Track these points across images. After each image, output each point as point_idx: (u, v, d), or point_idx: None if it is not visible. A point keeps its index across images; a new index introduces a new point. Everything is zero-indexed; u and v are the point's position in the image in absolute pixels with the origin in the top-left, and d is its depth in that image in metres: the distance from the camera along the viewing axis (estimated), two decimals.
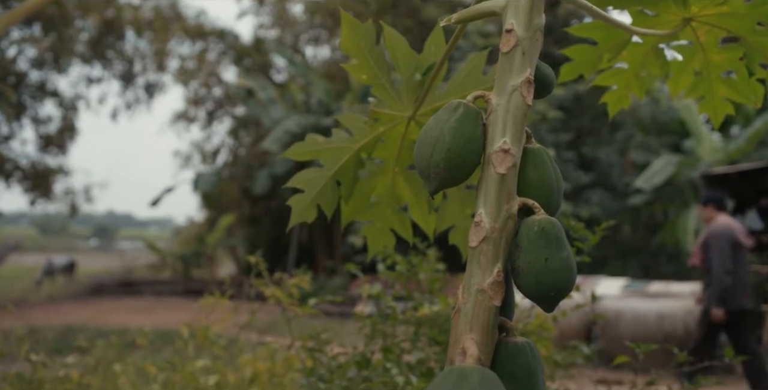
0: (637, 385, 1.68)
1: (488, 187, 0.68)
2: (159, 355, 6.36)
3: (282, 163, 14.55)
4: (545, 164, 0.71)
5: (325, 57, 19.94)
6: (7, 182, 14.97)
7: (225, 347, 2.45)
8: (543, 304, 0.63)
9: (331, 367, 1.86)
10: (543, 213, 0.68)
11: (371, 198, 1.29)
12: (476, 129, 0.70)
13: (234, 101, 19.49)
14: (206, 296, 2.56)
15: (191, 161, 20.71)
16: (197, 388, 2.21)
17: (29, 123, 15.03)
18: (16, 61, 14.15)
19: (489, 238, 0.65)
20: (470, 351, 0.61)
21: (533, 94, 0.69)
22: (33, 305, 13.06)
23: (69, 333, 8.40)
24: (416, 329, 1.86)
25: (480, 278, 0.65)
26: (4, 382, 2.53)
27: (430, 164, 0.70)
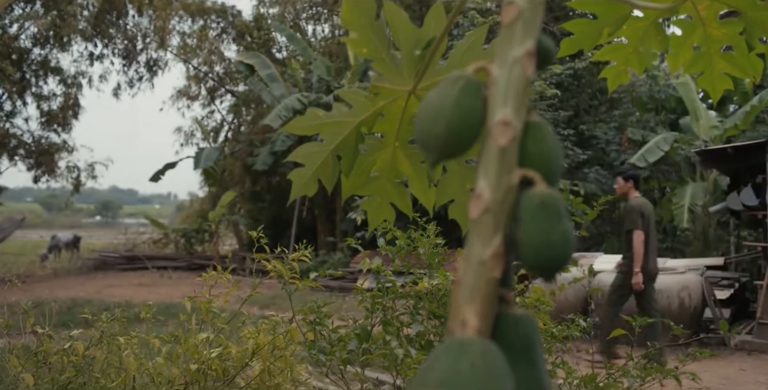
0: (633, 358, 1.70)
1: (489, 159, 0.68)
2: (163, 329, 6.44)
3: (283, 140, 14.56)
4: (546, 137, 0.71)
5: (326, 34, 19.83)
6: (11, 159, 15.00)
7: (227, 321, 2.49)
8: (542, 274, 0.64)
9: (331, 339, 1.88)
10: (543, 185, 0.68)
11: (371, 172, 1.30)
12: (477, 101, 0.70)
13: (235, 78, 19.43)
14: (209, 271, 2.58)
15: (193, 138, 20.75)
16: (200, 360, 2.25)
17: (32, 100, 15.03)
18: (18, 38, 14.09)
19: (489, 210, 0.66)
20: (470, 322, 0.62)
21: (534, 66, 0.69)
22: (38, 280, 13.17)
23: (74, 307, 8.48)
24: (416, 303, 1.88)
25: (480, 250, 0.65)
26: (10, 354, 2.57)
27: (430, 137, 0.71)
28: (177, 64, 23.54)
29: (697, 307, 6.82)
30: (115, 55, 16.76)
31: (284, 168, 15.25)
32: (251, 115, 18.47)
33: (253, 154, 15.40)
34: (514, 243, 0.68)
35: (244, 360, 2.27)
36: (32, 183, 15.85)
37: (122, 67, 17.58)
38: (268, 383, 2.40)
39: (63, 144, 15.33)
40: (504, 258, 0.65)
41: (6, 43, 13.39)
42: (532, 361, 0.68)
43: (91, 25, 14.99)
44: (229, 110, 19.58)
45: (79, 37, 14.93)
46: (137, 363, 2.35)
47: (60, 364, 2.48)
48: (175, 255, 15.94)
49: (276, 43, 19.31)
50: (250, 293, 2.40)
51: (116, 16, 15.82)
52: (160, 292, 10.80)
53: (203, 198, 20.75)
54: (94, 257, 16.55)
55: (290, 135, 14.61)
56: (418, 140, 0.74)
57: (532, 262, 0.67)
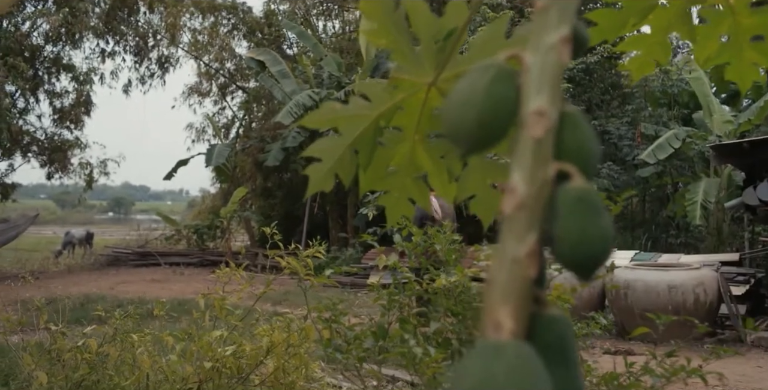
0: (656, 357, 1.66)
1: (523, 151, 0.65)
2: (176, 325, 6.44)
3: (294, 136, 14.54)
4: (582, 128, 0.67)
5: (336, 31, 19.79)
6: (24, 156, 15.06)
7: (241, 318, 2.47)
8: (580, 272, 0.60)
9: (347, 337, 1.85)
10: (580, 179, 0.65)
11: (389, 167, 1.27)
12: (509, 90, 0.66)
13: (246, 75, 19.44)
14: (222, 267, 2.56)
15: (204, 134, 20.79)
16: (214, 358, 2.23)
17: (45, 97, 15.09)
18: (30, 35, 14.13)
19: (524, 205, 0.62)
20: (505, 324, 0.58)
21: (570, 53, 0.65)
22: (52, 276, 13.24)
23: (87, 303, 8.52)
24: (433, 300, 1.85)
25: (514, 247, 0.61)
26: (24, 351, 2.56)
27: (459, 128, 0.67)
28: (188, 61, 23.57)
29: (712, 303, 6.75)
30: (126, 52, 16.79)
31: (295, 164, 15.24)
32: (262, 112, 18.47)
33: (265, 150, 15.39)
34: (548, 240, 0.65)
35: (259, 358, 2.25)
36: (45, 180, 15.94)
37: (133, 64, 17.62)
38: (283, 381, 2.38)
39: (75, 141, 15.38)
40: (539, 256, 0.62)
41: (19, 41, 13.43)
42: (567, 363, 0.65)
43: (102, 22, 15.02)
44: (240, 107, 19.59)
45: (90, 34, 14.96)
46: (151, 360, 2.33)
47: (73, 361, 2.46)
48: (187, 251, 15.97)
49: (286, 40, 19.29)
50: (263, 290, 2.37)
51: (127, 13, 15.85)
52: (173, 288, 10.83)
53: (215, 194, 20.80)
54: (106, 253, 16.62)
55: (301, 131, 14.58)
56: (447, 132, 0.71)
57: (568, 259, 0.64)
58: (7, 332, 2.85)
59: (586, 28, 0.76)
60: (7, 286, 10.25)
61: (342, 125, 1.20)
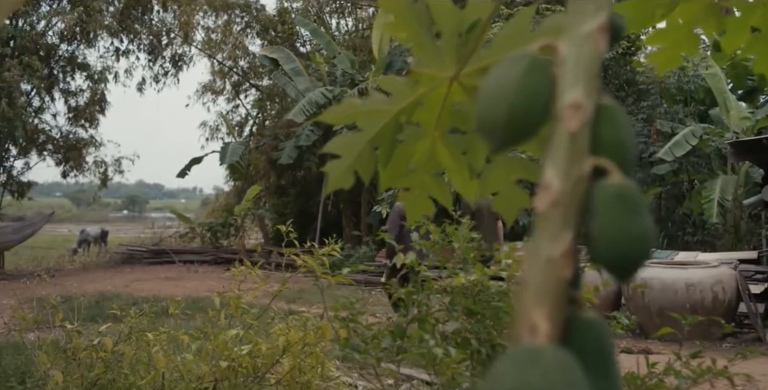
0: (680, 358, 1.63)
1: (558, 146, 0.61)
2: (190, 323, 6.45)
3: (308, 134, 14.54)
4: (620, 122, 0.63)
5: (349, 28, 19.77)
6: (40, 154, 15.16)
7: (257, 317, 2.45)
8: (618, 273, 0.57)
9: (365, 336, 1.83)
10: (618, 175, 0.61)
11: (409, 164, 1.24)
12: (543, 81, 0.62)
13: (259, 73, 19.46)
14: (236, 265, 2.55)
15: (218, 132, 20.84)
16: (230, 357, 2.21)
17: (60, 96, 15.17)
18: (45, 34, 14.22)
19: (559, 202, 0.58)
20: (541, 327, 0.54)
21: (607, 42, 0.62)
22: (68, 273, 13.32)
23: (102, 301, 8.54)
24: (452, 299, 1.82)
25: (549, 247, 0.58)
26: (39, 350, 2.56)
27: (490, 122, 0.63)
28: (202, 59, 23.61)
29: (731, 302, 6.67)
30: (140, 50, 16.87)
31: (309, 162, 15.24)
32: (276, 110, 18.48)
33: (278, 148, 15.40)
34: (584, 239, 0.62)
35: (275, 357, 2.23)
36: (61, 178, 16.04)
37: (147, 63, 17.69)
38: (298, 380, 2.36)
39: (90, 139, 15.46)
40: (575, 256, 0.59)
41: (34, 40, 13.51)
42: (606, 369, 0.61)
43: (116, 21, 15.09)
44: (254, 105, 19.62)
45: (104, 33, 15.03)
46: (166, 360, 2.32)
47: (89, 360, 2.46)
48: (201, 249, 16.02)
49: (300, 38, 19.29)
50: (279, 288, 2.36)
51: (141, 11, 15.91)
52: (187, 286, 10.86)
53: (228, 192, 20.85)
54: (121, 251, 16.70)
55: (315, 129, 14.58)
56: (477, 126, 0.67)
57: (606, 259, 0.61)
58: (24, 330, 2.85)
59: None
60: (23, 284, 10.33)
61: (361, 121, 1.18)
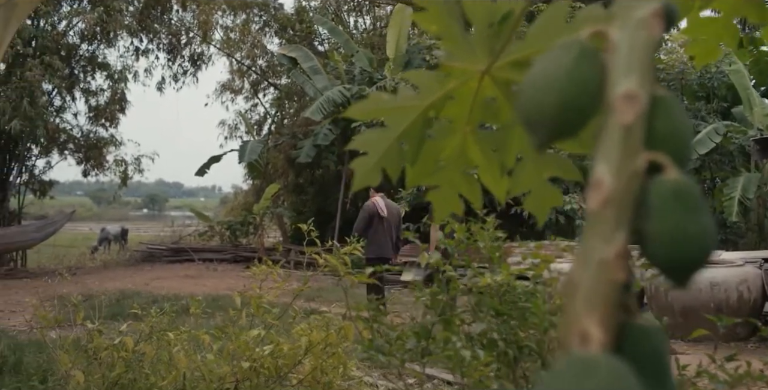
0: (715, 360, 1.58)
1: (610, 139, 0.57)
2: (211, 322, 6.46)
3: (326, 132, 14.54)
4: (676, 114, 0.59)
5: (367, 27, 19.75)
6: (61, 153, 15.29)
7: (278, 316, 2.42)
8: (675, 277, 0.53)
9: (389, 337, 1.79)
10: (675, 171, 0.57)
11: (438, 161, 1.20)
12: (594, 70, 0.58)
13: (278, 72, 19.49)
14: (257, 264, 2.52)
15: (237, 131, 20.91)
16: (252, 357, 2.18)
17: (81, 95, 15.28)
18: (66, 34, 14.32)
19: (611, 200, 0.54)
20: (593, 335, 0.50)
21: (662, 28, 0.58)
22: (89, 271, 13.43)
23: (123, 299, 8.59)
24: (478, 299, 1.78)
25: (601, 248, 0.54)
26: (61, 349, 2.56)
27: (537, 113, 0.59)
28: (220, 58, 23.74)
29: (756, 301, 6.56)
30: (159, 49, 16.94)
31: (327, 160, 15.24)
32: (294, 108, 18.51)
33: (297, 146, 15.42)
34: (638, 239, 0.58)
35: (297, 357, 2.20)
36: (82, 177, 16.17)
37: (167, 62, 17.77)
38: (320, 380, 2.33)
39: (111, 138, 15.56)
40: (628, 258, 0.55)
41: (55, 40, 13.61)
42: (662, 381, 0.57)
43: (136, 21, 15.16)
44: (272, 103, 19.67)
45: (124, 33, 15.11)
46: (187, 360, 2.30)
47: (110, 359, 2.45)
48: (220, 247, 16.08)
49: (318, 36, 19.30)
50: (300, 288, 2.33)
51: (161, 11, 15.98)
52: (207, 284, 10.90)
53: (247, 190, 20.92)
54: (141, 249, 16.82)
55: (333, 128, 14.57)
56: (523, 118, 0.63)
57: (663, 261, 0.56)
58: (45, 328, 2.85)
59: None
60: (44, 282, 10.41)
61: (389, 117, 1.14)
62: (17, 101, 12.32)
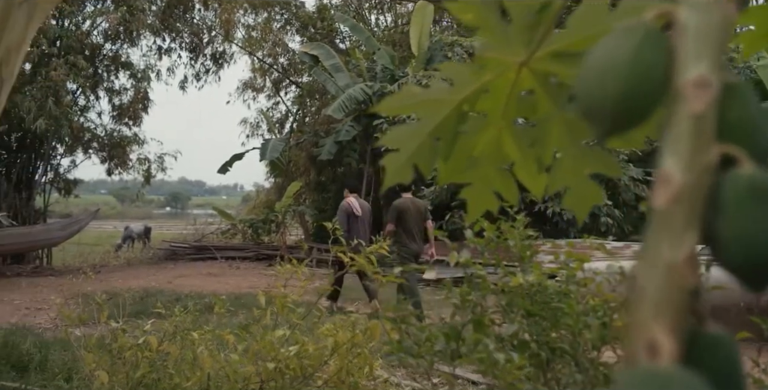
0: (759, 364, 1.51)
1: (679, 131, 0.52)
2: (234, 320, 6.46)
3: (347, 129, 14.52)
4: (750, 102, 0.53)
5: (389, 24, 19.71)
6: (85, 152, 15.42)
7: (303, 316, 2.39)
8: (751, 280, 0.47)
9: (418, 338, 1.75)
10: (750, 164, 0.51)
11: (472, 157, 1.15)
12: (660, 55, 0.53)
13: (299, 70, 19.51)
14: (279, 262, 2.49)
15: (259, 129, 20.97)
16: (277, 358, 2.15)
17: (104, 94, 15.40)
18: (90, 34, 14.43)
19: (681, 198, 0.49)
20: (663, 345, 0.45)
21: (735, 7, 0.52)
22: (113, 269, 13.54)
23: (146, 297, 8.64)
24: (509, 300, 1.73)
25: (669, 250, 0.49)
26: (86, 349, 2.55)
27: (598, 102, 0.54)
28: (242, 57, 23.81)
29: None
30: (182, 48, 17.01)
31: (349, 158, 15.22)
32: (316, 106, 18.52)
33: (318, 144, 15.42)
34: (708, 240, 0.53)
35: (323, 358, 2.17)
36: (106, 175, 16.28)
37: (189, 61, 17.84)
38: (345, 381, 2.29)
39: (134, 137, 15.65)
40: (698, 260, 0.51)
41: (79, 40, 13.72)
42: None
43: (159, 20, 15.24)
44: (294, 101, 19.69)
45: (147, 32, 15.19)
46: (212, 360, 2.27)
47: (134, 358, 2.43)
48: (242, 245, 16.12)
49: (339, 34, 19.28)
50: (326, 287, 2.30)
51: (183, 10, 16.04)
52: (229, 282, 10.93)
53: (269, 189, 20.99)
54: (164, 247, 16.92)
55: (355, 125, 14.54)
56: (582, 107, 0.58)
57: (738, 263, 0.51)
58: (70, 326, 2.85)
59: None
60: (69, 280, 10.51)
61: (422, 111, 1.09)
62: (42, 100, 12.44)
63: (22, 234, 12.30)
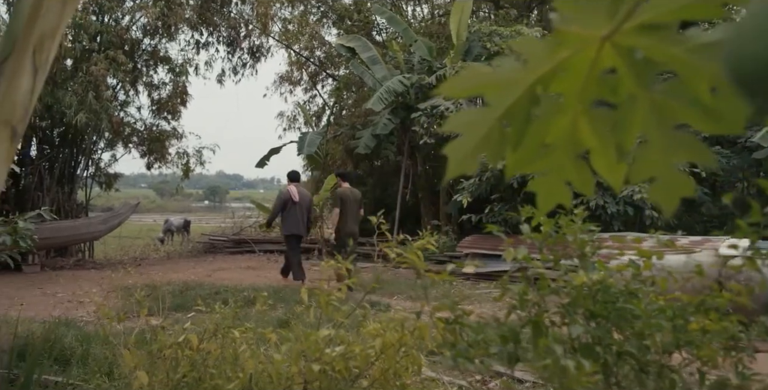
0: None
1: None
2: (273, 313, 6.43)
3: (385, 122, 14.41)
4: None
5: (425, 15, 19.52)
6: (126, 146, 15.59)
7: (348, 314, 2.30)
8: None
9: (472, 340, 1.64)
10: None
11: (544, 144, 1.03)
12: None
13: (336, 62, 19.45)
14: (327, 260, 2.40)
15: (296, 123, 20.99)
16: (322, 359, 2.06)
17: (144, 89, 15.53)
18: (129, 29, 14.55)
19: None
20: None
21: None
22: (152, 263, 13.68)
23: (186, 290, 8.67)
24: (573, 300, 1.61)
25: None
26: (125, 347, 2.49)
27: (758, 68, 0.43)
28: (279, 50, 23.89)
29: None
30: (219, 42, 17.06)
31: (387, 151, 15.12)
32: (352, 99, 18.45)
33: (355, 137, 15.34)
34: None
35: (369, 359, 2.07)
36: (146, 169, 16.45)
37: (226, 55, 17.91)
38: (392, 382, 2.20)
39: (173, 131, 15.78)
40: None
41: (119, 35, 13.84)
42: None
43: (196, 14, 15.30)
44: (331, 94, 19.64)
45: (185, 26, 15.27)
46: (254, 361, 2.19)
47: (174, 357, 2.37)
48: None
49: (376, 26, 19.16)
50: (372, 284, 2.20)
51: (220, 4, 16.08)
52: (268, 276, 10.94)
53: (306, 182, 20.98)
54: (203, 241, 17.06)
55: (392, 117, 14.42)
56: (736, 78, 0.47)
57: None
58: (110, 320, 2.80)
59: None
60: (110, 273, 10.63)
61: (490, 93, 0.97)
62: (83, 95, 12.58)
63: (65, 227, 12.48)
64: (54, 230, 11.61)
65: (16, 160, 13.40)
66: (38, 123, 13.28)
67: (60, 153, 14.20)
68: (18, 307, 7.28)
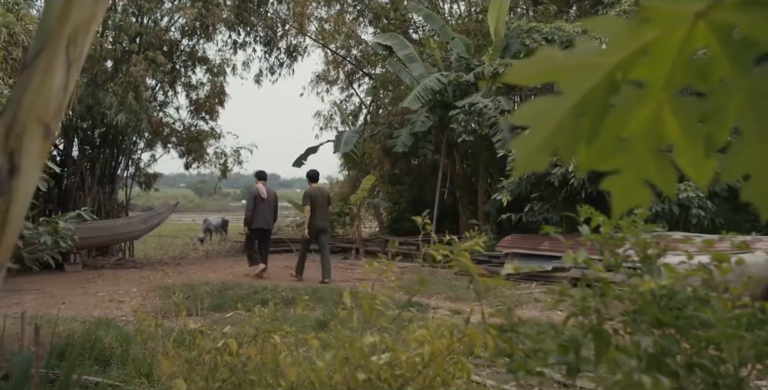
0: None
1: None
2: (312, 314, 6.37)
3: (423, 120, 14.29)
4: None
5: (462, 13, 19.34)
6: (165, 146, 15.74)
7: (392, 319, 2.20)
8: None
9: (528, 349, 1.53)
10: None
11: (622, 138, 0.92)
12: None
13: (372, 61, 19.40)
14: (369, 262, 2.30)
15: (332, 122, 20.99)
16: (367, 368, 1.97)
17: (182, 89, 15.66)
18: (168, 30, 14.68)
19: None
20: None
21: None
22: (191, 262, 13.78)
23: (225, 290, 8.67)
24: (639, 307, 1.49)
25: None
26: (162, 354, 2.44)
27: None
28: (315, 49, 23.90)
29: None
30: (256, 42, 17.13)
31: (424, 149, 15.00)
32: (389, 97, 18.36)
33: (392, 136, 15.25)
34: None
35: (417, 367, 1.97)
36: (184, 169, 16.59)
37: (263, 54, 17.98)
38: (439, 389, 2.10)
39: (211, 131, 15.88)
40: None
41: (158, 36, 13.97)
42: None
43: (233, 14, 15.37)
44: (367, 93, 19.58)
45: (223, 26, 15.35)
46: (296, 369, 2.11)
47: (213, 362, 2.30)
48: None
49: (412, 24, 19.05)
50: (417, 287, 2.11)
51: (257, 3, 16.14)
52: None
53: (343, 181, 21.00)
54: (241, 240, 17.12)
55: (430, 115, 14.30)
56: None
57: None
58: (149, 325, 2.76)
59: None
60: (150, 273, 10.71)
61: (563, 80, 0.86)
62: (123, 96, 12.73)
63: (106, 227, 12.62)
64: (94, 230, 11.74)
65: (58, 161, 13.62)
66: (79, 124, 13.47)
67: (101, 153, 14.39)
68: (59, 306, 7.37)
